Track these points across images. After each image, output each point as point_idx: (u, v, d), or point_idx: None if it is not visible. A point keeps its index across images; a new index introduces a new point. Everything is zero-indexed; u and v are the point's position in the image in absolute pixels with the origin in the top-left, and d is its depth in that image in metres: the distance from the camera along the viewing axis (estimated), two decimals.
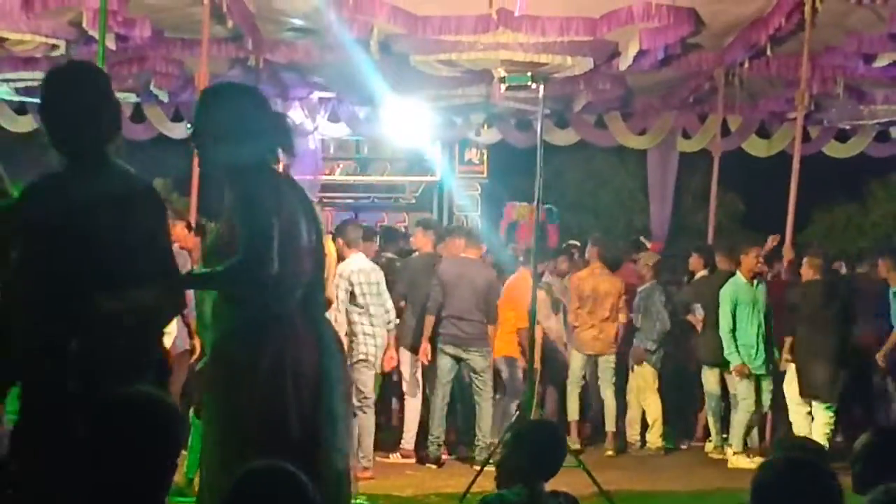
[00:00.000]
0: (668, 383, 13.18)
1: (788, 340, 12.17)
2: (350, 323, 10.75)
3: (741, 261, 12.31)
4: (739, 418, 12.17)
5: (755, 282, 12.25)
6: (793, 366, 11.94)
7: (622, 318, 12.92)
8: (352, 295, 10.73)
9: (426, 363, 11.81)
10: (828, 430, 11.61)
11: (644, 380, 12.89)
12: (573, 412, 12.90)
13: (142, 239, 4.65)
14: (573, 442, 12.34)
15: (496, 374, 12.26)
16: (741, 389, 12.15)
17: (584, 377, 12.98)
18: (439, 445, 11.77)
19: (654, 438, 12.81)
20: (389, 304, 11.23)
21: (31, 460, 4.48)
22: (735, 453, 12.03)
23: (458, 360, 11.79)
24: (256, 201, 5.02)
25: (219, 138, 5.12)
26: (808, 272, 12.10)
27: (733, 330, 12.06)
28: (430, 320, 11.67)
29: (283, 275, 4.99)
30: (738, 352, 12.06)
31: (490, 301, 11.79)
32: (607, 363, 12.88)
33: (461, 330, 11.70)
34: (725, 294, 12.14)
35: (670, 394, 13.20)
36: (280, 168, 5.34)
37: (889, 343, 12.38)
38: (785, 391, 12.06)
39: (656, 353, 12.87)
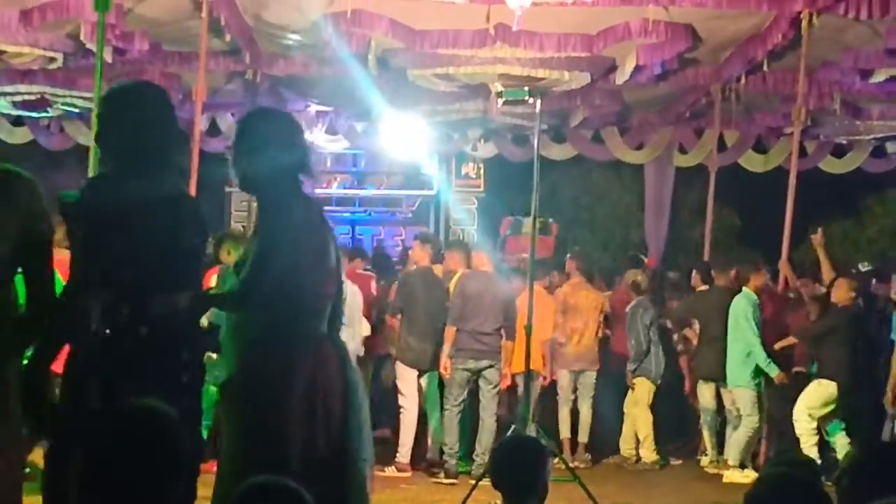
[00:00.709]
0: (671, 398, 13.19)
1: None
2: None
3: (751, 278, 12.30)
4: (742, 434, 12.08)
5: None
6: (824, 382, 11.85)
7: (599, 332, 13.01)
8: None
9: (447, 377, 11.84)
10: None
11: (635, 395, 12.89)
12: (565, 430, 12.91)
13: (176, 253, 4.81)
14: (567, 459, 12.35)
15: (513, 389, 12.37)
16: (747, 406, 12.06)
17: (573, 392, 12.99)
18: (457, 461, 11.74)
19: (648, 453, 12.80)
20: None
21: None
22: (732, 468, 12.00)
23: (474, 374, 11.82)
24: (272, 237, 5.20)
25: (251, 163, 5.29)
26: (845, 294, 11.96)
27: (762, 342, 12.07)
28: (451, 332, 11.71)
29: (314, 297, 5.21)
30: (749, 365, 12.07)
31: (511, 316, 11.84)
32: (589, 378, 12.93)
33: (483, 343, 11.76)
34: (745, 308, 12.07)
35: (672, 408, 13.22)
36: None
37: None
38: (799, 406, 11.92)
39: (655, 370, 12.87)
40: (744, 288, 12.29)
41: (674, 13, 12.05)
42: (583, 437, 12.89)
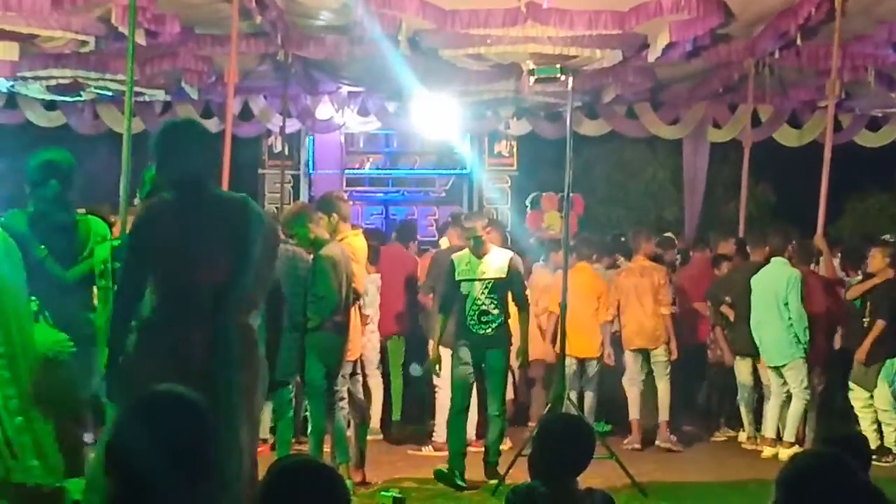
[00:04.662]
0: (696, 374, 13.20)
1: None
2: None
3: (784, 248, 12.21)
4: (798, 410, 11.95)
5: None
6: None
7: (664, 310, 12.66)
8: None
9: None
10: None
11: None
12: (634, 411, 12.69)
13: None
14: (634, 442, 12.36)
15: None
16: (804, 381, 11.94)
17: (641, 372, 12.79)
18: None
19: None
20: None
21: None
22: (789, 445, 11.82)
23: None
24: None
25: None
26: (881, 263, 11.98)
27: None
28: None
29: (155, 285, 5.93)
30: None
31: None
32: (657, 357, 12.66)
33: None
34: (796, 282, 11.94)
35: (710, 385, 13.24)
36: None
37: None
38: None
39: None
40: (777, 258, 12.13)
41: None
42: (664, 416, 12.61)
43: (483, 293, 10.50)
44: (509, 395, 12.61)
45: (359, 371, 10.52)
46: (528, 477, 5.02)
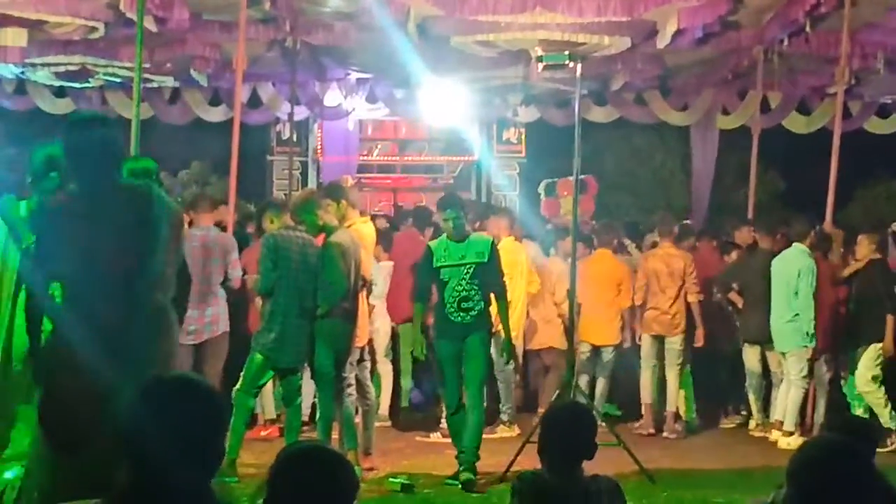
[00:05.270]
0: (717, 362, 13.17)
1: None
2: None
3: (808, 235, 12.19)
4: (798, 398, 11.96)
5: None
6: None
7: (691, 298, 12.52)
8: None
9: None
10: None
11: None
12: (646, 395, 12.70)
13: None
14: (647, 426, 12.46)
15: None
16: (804, 369, 11.95)
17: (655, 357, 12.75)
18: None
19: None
20: None
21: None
22: (789, 434, 11.83)
23: None
24: None
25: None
26: (867, 250, 12.02)
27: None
28: None
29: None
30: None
31: None
32: (672, 345, 12.60)
33: None
34: (811, 269, 11.91)
35: (719, 372, 13.21)
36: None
37: None
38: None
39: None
40: (798, 245, 12.07)
41: None
42: (671, 407, 12.60)
43: (465, 279, 9.97)
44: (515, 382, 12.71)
45: (367, 358, 10.52)
46: (537, 464, 5.04)
